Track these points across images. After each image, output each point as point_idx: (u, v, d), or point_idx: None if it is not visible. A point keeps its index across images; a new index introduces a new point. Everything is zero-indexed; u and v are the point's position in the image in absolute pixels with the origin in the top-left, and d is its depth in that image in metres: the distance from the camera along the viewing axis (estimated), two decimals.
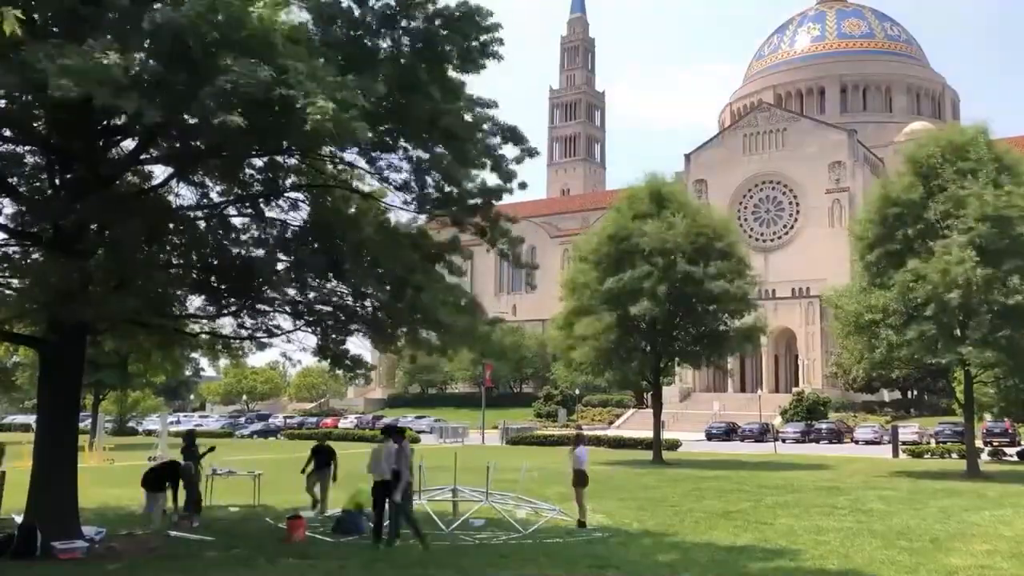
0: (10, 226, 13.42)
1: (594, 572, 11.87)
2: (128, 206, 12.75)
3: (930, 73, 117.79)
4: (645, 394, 71.55)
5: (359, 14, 12.04)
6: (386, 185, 14.16)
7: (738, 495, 22.39)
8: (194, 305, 15.50)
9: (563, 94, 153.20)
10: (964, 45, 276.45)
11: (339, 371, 16.72)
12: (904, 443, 44.77)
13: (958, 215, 27.95)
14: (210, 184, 14.07)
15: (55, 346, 13.14)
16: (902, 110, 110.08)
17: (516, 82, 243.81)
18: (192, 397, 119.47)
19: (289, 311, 15.08)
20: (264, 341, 16.12)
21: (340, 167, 14.60)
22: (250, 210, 14.28)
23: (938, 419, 60.24)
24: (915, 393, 75.18)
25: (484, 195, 13.81)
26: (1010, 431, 49.08)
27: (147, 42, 10.13)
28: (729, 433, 60.71)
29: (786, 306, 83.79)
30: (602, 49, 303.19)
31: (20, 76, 9.05)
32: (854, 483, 26.38)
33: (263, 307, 15.17)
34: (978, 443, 39.49)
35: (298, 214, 14.51)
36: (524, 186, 14.08)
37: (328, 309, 15.00)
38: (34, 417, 20.40)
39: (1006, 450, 43.02)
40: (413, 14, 12.06)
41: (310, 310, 15.04)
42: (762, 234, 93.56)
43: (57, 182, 12.89)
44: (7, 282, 13.72)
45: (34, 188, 13.48)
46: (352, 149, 12.84)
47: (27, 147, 13.02)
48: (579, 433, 19.66)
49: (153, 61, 10.20)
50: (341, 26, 11.89)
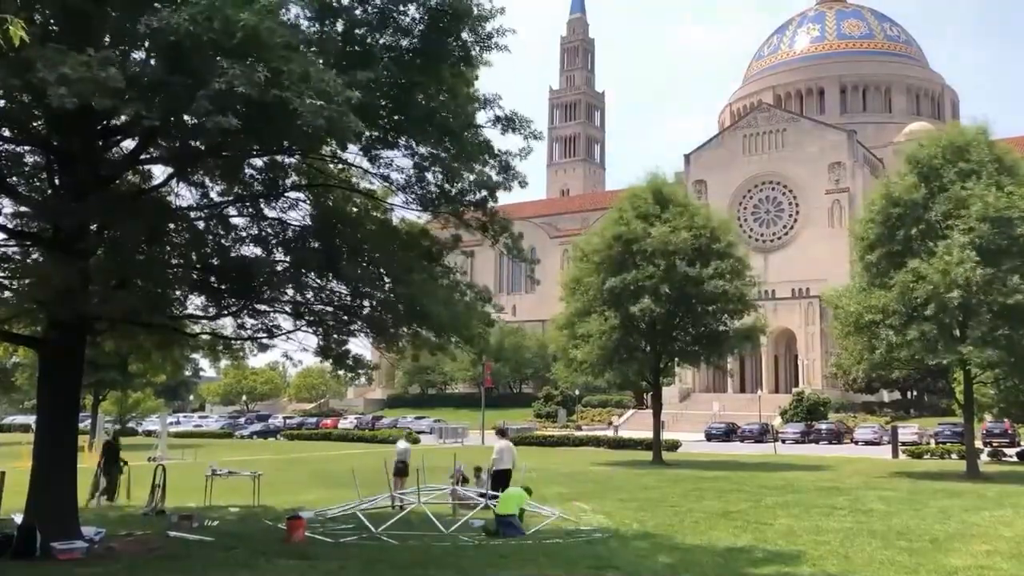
0: (10, 226, 13.42)
1: (594, 572, 11.86)
2: (128, 206, 12.75)
3: (929, 73, 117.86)
4: (645, 394, 71.54)
5: (359, 12, 12.03)
6: (387, 184, 14.14)
7: (738, 495, 22.38)
8: (194, 305, 15.48)
9: (563, 94, 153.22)
10: (964, 45, 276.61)
11: (341, 371, 16.66)
12: (904, 444, 44.79)
13: (959, 215, 27.97)
14: (210, 184, 14.05)
15: (55, 346, 13.13)
16: (902, 110, 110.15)
17: (516, 82, 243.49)
18: (192, 397, 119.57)
19: (289, 311, 15.04)
20: (265, 342, 16.09)
21: (340, 166, 14.58)
22: (250, 210, 14.27)
23: (938, 420, 60.26)
24: (915, 394, 75.18)
25: (485, 189, 13.72)
26: (1010, 432, 49.07)
27: (145, 44, 10.13)
28: (729, 434, 60.71)
29: (786, 306, 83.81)
30: (602, 49, 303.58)
31: (21, 79, 9.06)
32: (854, 483, 26.37)
33: (263, 307, 15.14)
34: (978, 444, 39.50)
35: (298, 214, 14.51)
36: (524, 184, 14.02)
37: (329, 309, 14.96)
38: (34, 417, 20.39)
39: (1006, 451, 43.03)
40: (409, 10, 12.03)
41: (310, 310, 15.01)
42: (762, 234, 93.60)
43: (57, 182, 12.87)
44: (7, 282, 13.72)
45: (34, 188, 13.48)
46: (353, 148, 12.82)
47: (27, 147, 13.01)
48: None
49: (152, 63, 10.21)
50: (340, 23, 11.87)
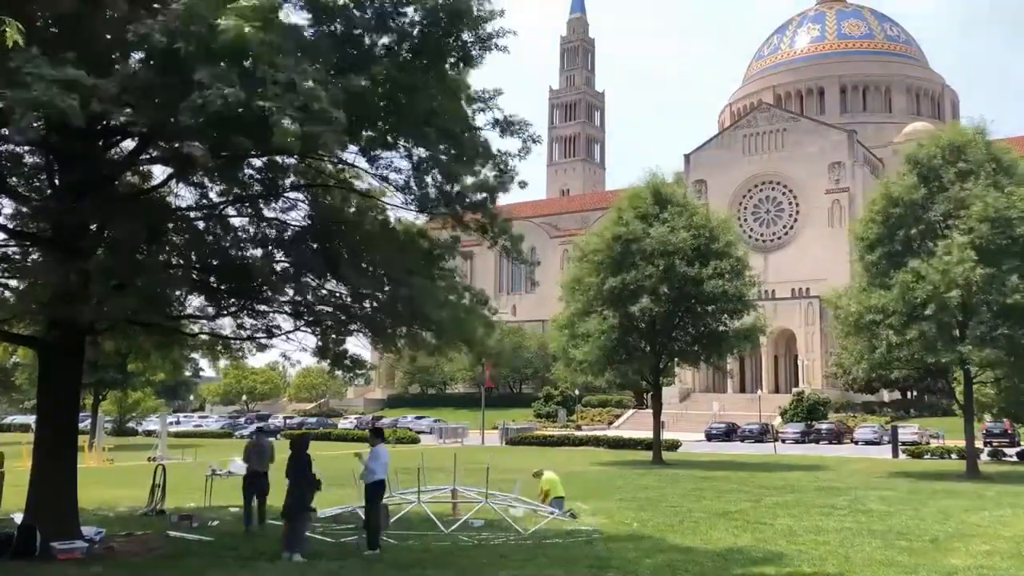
0: (10, 226, 13.42)
1: (594, 572, 11.87)
2: (128, 206, 12.75)
3: (930, 73, 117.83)
4: (645, 394, 71.54)
5: (357, 13, 12.00)
6: (386, 185, 14.14)
7: (738, 495, 22.39)
8: (193, 305, 15.48)
9: (563, 94, 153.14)
10: (964, 45, 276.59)
11: (339, 371, 16.67)
12: (904, 443, 44.78)
13: (959, 215, 27.99)
14: (209, 184, 14.03)
15: (55, 346, 13.13)
16: (902, 110, 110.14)
17: (516, 82, 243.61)
18: (192, 397, 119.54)
19: (288, 311, 15.04)
20: (264, 342, 16.10)
21: (339, 167, 14.58)
22: (249, 210, 14.26)
23: (937, 420, 60.29)
24: (915, 394, 75.15)
25: (484, 191, 13.72)
26: (1010, 432, 49.06)
27: (135, 53, 10.10)
28: (729, 434, 60.69)
29: (786, 306, 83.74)
30: (602, 49, 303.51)
31: (15, 86, 8.99)
32: (854, 484, 26.37)
33: (262, 307, 15.14)
34: (978, 444, 39.49)
35: (297, 214, 14.50)
36: (524, 184, 14.02)
37: (328, 309, 14.95)
38: (34, 417, 20.39)
39: (1006, 451, 43.04)
40: (408, 12, 12.01)
41: (309, 310, 15.00)
42: (762, 234, 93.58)
43: (57, 182, 12.88)
44: (7, 282, 13.72)
45: (34, 188, 13.48)
46: (352, 148, 12.80)
47: (27, 147, 13.01)
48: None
49: (136, 72, 10.15)
50: (338, 25, 11.85)
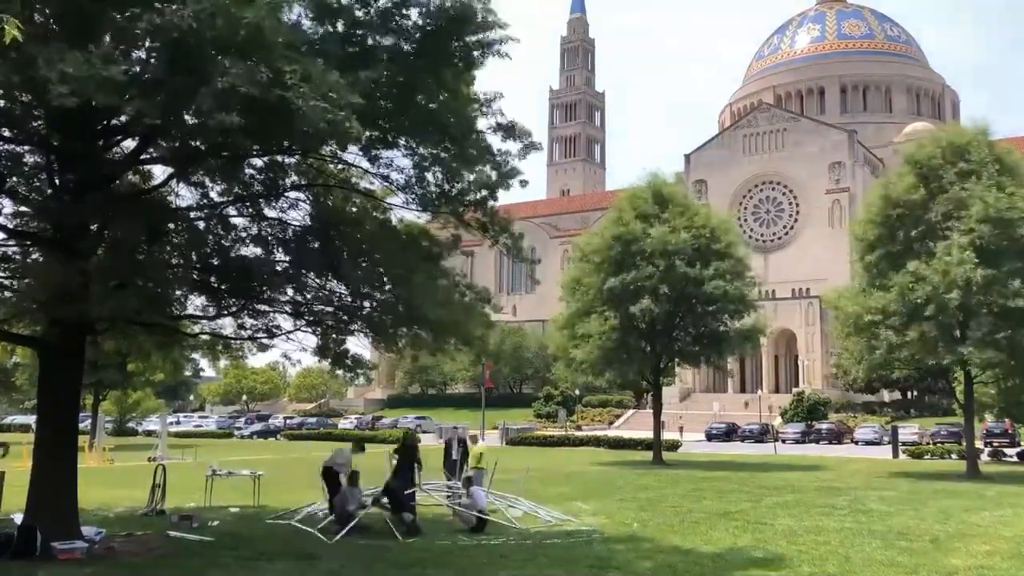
0: (10, 226, 13.41)
1: (594, 572, 11.87)
2: (128, 206, 12.75)
3: (930, 73, 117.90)
4: (645, 394, 71.55)
5: (360, 13, 12.02)
6: (387, 184, 14.14)
7: (738, 495, 22.38)
8: (194, 305, 15.47)
9: (563, 95, 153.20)
10: (965, 45, 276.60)
11: (340, 371, 16.67)
12: (904, 444, 44.77)
13: (959, 216, 27.96)
14: (210, 184, 14.03)
15: (55, 346, 13.13)
16: (902, 110, 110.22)
17: (516, 82, 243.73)
18: (192, 397, 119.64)
19: (289, 311, 15.03)
20: (264, 342, 16.09)
21: (340, 166, 14.58)
22: (250, 210, 14.26)
23: (936, 420, 60.27)
24: (915, 394, 75.17)
25: (485, 188, 13.72)
26: (1010, 432, 49.05)
27: (147, 42, 10.12)
28: (729, 434, 60.70)
29: (786, 307, 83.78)
30: (602, 49, 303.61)
31: (22, 76, 9.05)
32: (854, 483, 26.36)
33: (263, 307, 15.13)
34: (978, 444, 39.48)
35: (298, 214, 14.49)
36: (525, 184, 14.03)
37: (328, 309, 14.96)
38: (34, 417, 20.39)
39: (1006, 451, 43.03)
40: (411, 14, 12.04)
41: (310, 310, 15.01)
42: (762, 235, 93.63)
43: (57, 182, 12.87)
44: (7, 282, 13.71)
45: (34, 188, 13.47)
46: (353, 148, 12.82)
47: (27, 147, 13.01)
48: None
49: (153, 62, 10.21)
50: (341, 24, 11.87)
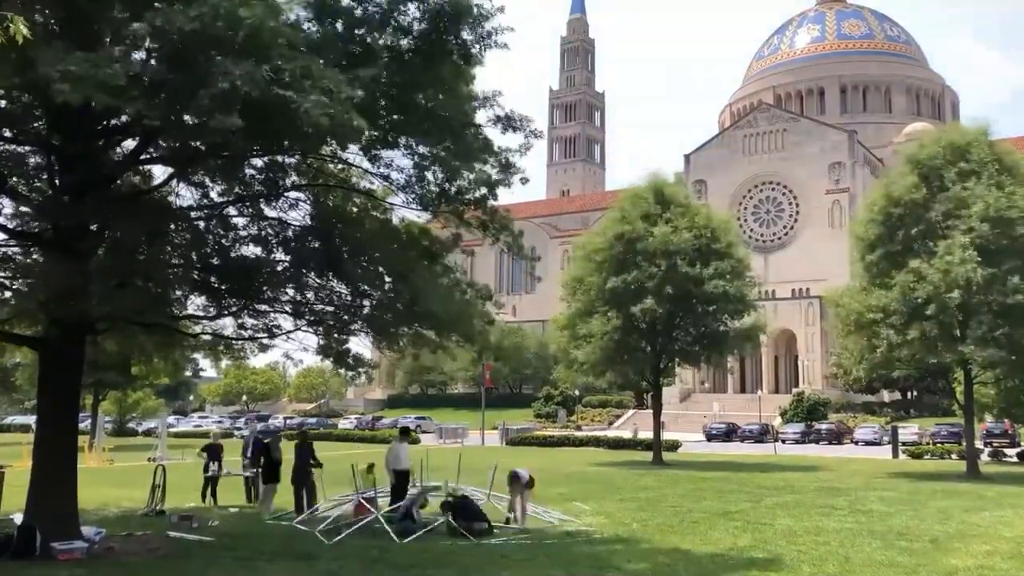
0: (10, 226, 13.41)
1: (594, 572, 11.87)
2: (128, 206, 12.75)
3: (929, 73, 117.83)
4: (645, 395, 71.49)
5: (359, 12, 12.02)
6: (387, 184, 14.14)
7: (738, 496, 22.38)
8: (194, 305, 15.47)
9: (563, 95, 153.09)
10: (965, 45, 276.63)
11: (342, 370, 16.67)
12: (904, 444, 44.76)
13: (959, 215, 27.96)
14: (210, 184, 14.04)
15: (55, 347, 13.13)
16: (902, 111, 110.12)
17: (516, 82, 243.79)
18: (192, 398, 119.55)
19: (290, 311, 15.03)
20: (265, 342, 16.09)
21: (340, 166, 14.57)
22: (250, 210, 14.26)
23: (936, 420, 60.24)
24: (915, 394, 75.10)
25: (485, 186, 13.69)
26: (1010, 432, 49.03)
27: (147, 43, 10.12)
28: (729, 434, 60.67)
29: (786, 307, 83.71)
30: (602, 49, 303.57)
31: (23, 77, 9.06)
32: (854, 484, 26.36)
33: (264, 307, 15.12)
34: (978, 444, 39.46)
35: (298, 213, 14.49)
36: (525, 180, 13.97)
37: (329, 309, 14.96)
38: (34, 417, 20.38)
39: (1006, 451, 43.00)
40: (409, 10, 12.02)
41: (311, 310, 15.01)
42: (762, 235, 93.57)
43: (58, 182, 12.87)
44: (7, 282, 13.70)
45: (34, 188, 13.47)
46: (353, 148, 12.81)
47: (28, 147, 13.01)
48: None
49: (153, 62, 10.20)
50: (340, 23, 11.86)
